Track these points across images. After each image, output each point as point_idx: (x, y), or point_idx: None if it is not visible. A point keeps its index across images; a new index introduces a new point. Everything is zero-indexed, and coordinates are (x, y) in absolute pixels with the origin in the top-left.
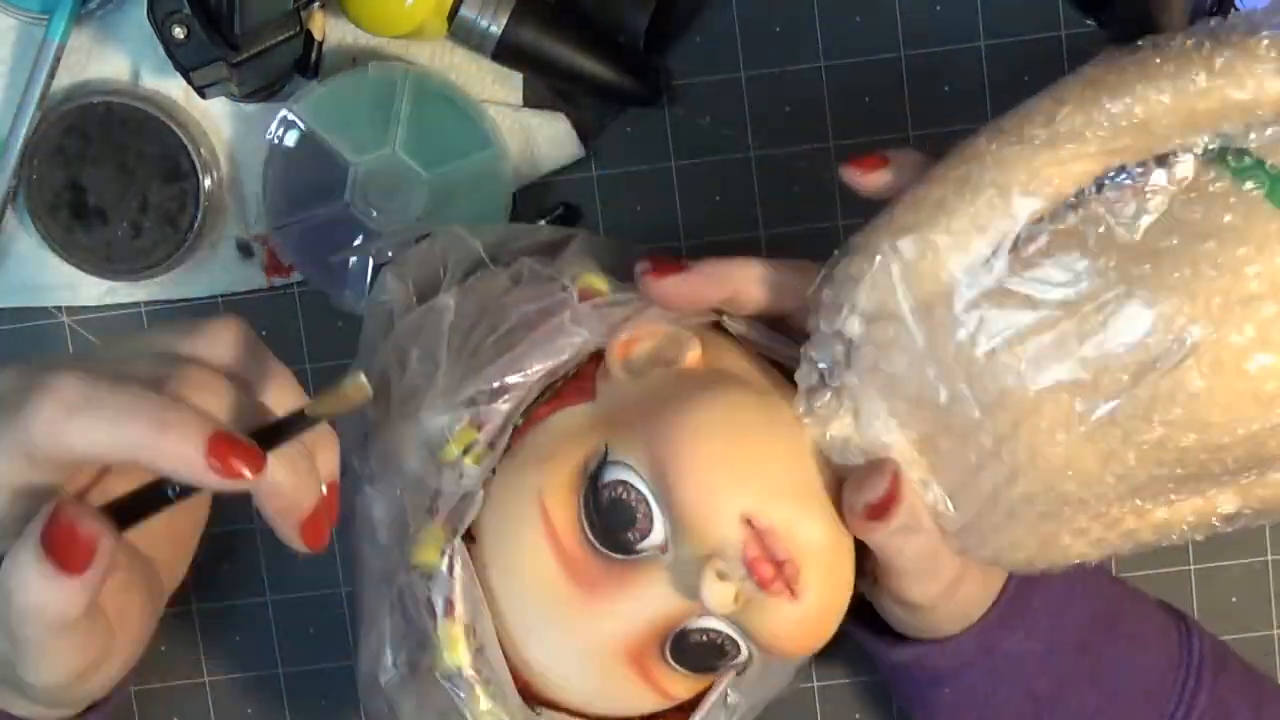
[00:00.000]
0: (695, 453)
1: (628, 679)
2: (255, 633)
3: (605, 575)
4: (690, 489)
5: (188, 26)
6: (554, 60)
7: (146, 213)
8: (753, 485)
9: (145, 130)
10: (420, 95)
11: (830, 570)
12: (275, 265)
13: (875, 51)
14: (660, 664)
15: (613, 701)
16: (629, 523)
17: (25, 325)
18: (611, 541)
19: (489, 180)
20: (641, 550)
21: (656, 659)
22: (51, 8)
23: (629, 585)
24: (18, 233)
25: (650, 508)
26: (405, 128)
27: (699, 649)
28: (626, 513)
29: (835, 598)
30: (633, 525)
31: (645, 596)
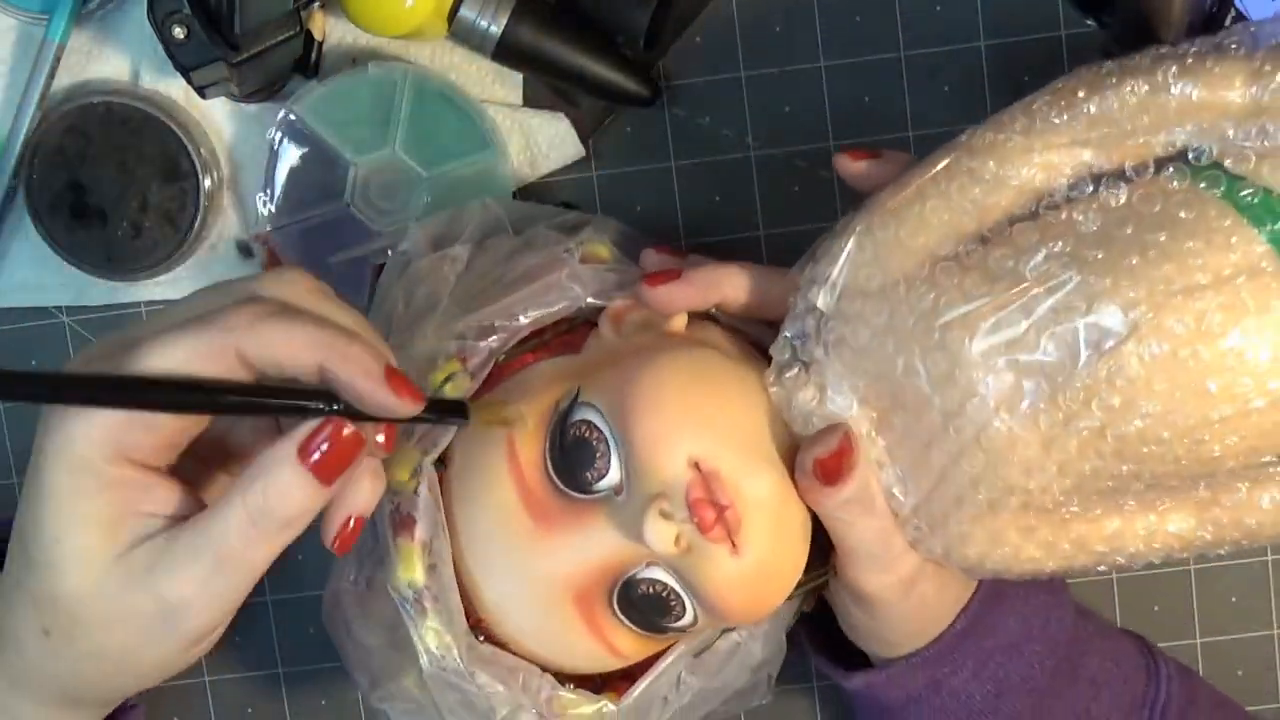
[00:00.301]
0: (654, 396)
1: (574, 622)
2: (255, 633)
3: (561, 512)
4: (644, 428)
5: (188, 26)
6: (554, 60)
7: (146, 213)
8: (705, 432)
9: (145, 130)
10: (420, 95)
11: (775, 529)
12: (275, 265)
13: (875, 51)
14: (608, 613)
15: (558, 646)
16: (588, 461)
17: (25, 325)
18: (571, 479)
19: (489, 180)
20: (597, 490)
21: (604, 607)
22: (51, 8)
23: (582, 524)
24: (18, 233)
25: (609, 448)
26: (405, 128)
27: (645, 600)
28: (587, 451)
29: (779, 560)
30: (591, 464)
31: (595, 536)
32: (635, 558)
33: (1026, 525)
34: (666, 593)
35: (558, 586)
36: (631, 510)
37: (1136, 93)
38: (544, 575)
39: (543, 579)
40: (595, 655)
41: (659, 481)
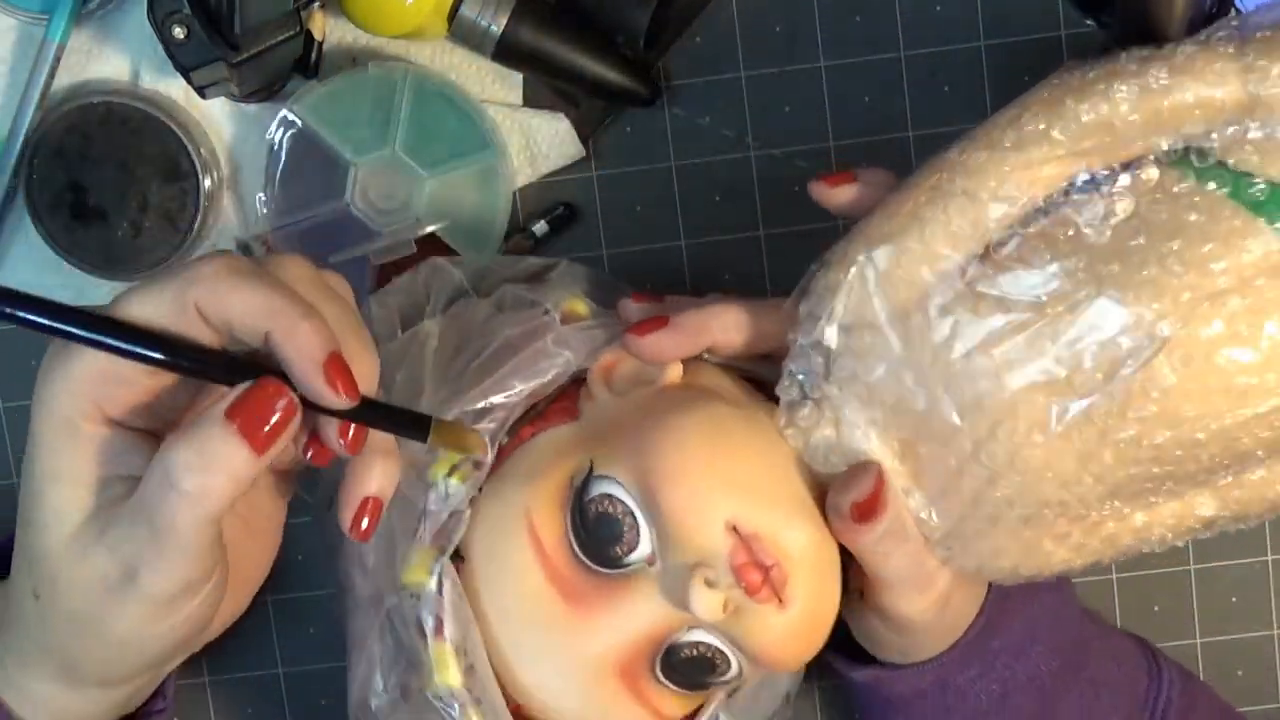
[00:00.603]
0: (679, 462)
1: (619, 697)
2: (255, 633)
3: (594, 591)
4: (675, 498)
5: (188, 26)
6: (554, 60)
7: (146, 213)
8: (737, 492)
9: (145, 130)
10: (420, 95)
11: (817, 577)
12: None
13: (875, 51)
14: (651, 681)
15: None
16: (616, 536)
17: None
18: (599, 556)
19: (489, 180)
20: (629, 564)
21: (648, 676)
22: (51, 8)
23: (618, 599)
24: (18, 233)
25: (636, 520)
26: (405, 128)
27: (689, 663)
28: (613, 526)
29: (822, 606)
30: (620, 539)
31: (635, 610)
32: (677, 624)
33: (1060, 533)
34: (712, 654)
35: (600, 666)
36: (671, 580)
37: (1128, 97)
38: (586, 657)
39: (585, 661)
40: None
41: (696, 549)
